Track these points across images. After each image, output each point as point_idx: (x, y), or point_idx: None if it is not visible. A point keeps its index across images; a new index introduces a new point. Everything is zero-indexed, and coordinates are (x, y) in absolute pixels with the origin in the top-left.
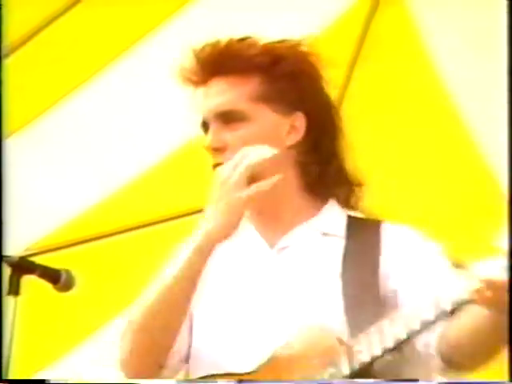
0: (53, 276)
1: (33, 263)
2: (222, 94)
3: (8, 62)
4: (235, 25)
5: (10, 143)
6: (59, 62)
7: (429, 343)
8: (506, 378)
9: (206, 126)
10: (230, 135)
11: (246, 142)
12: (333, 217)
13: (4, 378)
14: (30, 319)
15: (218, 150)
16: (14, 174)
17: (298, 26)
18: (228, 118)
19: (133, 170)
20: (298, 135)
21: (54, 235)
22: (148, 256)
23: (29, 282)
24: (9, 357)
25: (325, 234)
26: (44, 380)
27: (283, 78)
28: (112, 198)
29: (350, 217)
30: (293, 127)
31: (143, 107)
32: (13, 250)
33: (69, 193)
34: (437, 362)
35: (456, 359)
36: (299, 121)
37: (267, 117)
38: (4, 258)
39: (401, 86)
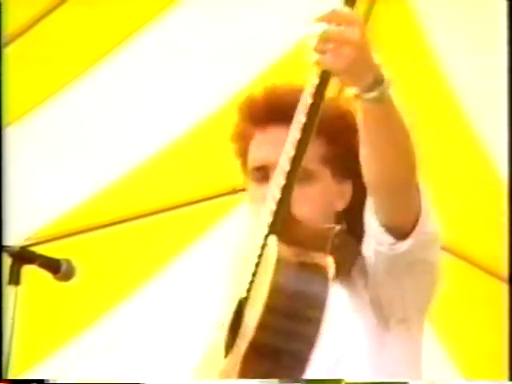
0: (53, 266)
1: (33, 253)
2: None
3: (7, 52)
4: (226, 21)
5: (9, 133)
6: (58, 52)
7: (372, 230)
8: (505, 377)
9: (263, 171)
10: (297, 193)
11: (309, 200)
12: None
13: (4, 377)
14: (30, 309)
15: None
16: (14, 164)
17: (296, 22)
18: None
19: (132, 160)
20: (345, 203)
21: (54, 225)
22: (148, 246)
23: (29, 271)
24: (10, 345)
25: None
26: (43, 380)
27: (341, 141)
28: (112, 187)
29: None
30: (343, 195)
31: (141, 98)
32: (13, 240)
33: (69, 182)
34: (386, 238)
35: (389, 216)
36: (348, 189)
37: (328, 180)
38: (4, 248)
39: (401, 80)
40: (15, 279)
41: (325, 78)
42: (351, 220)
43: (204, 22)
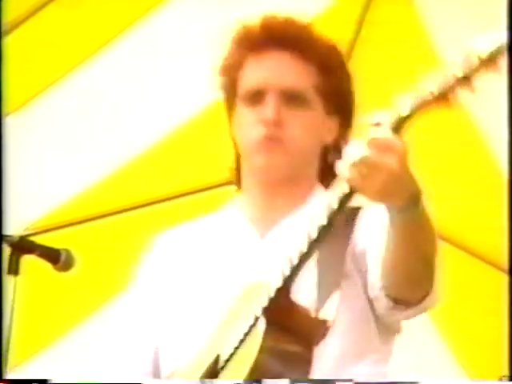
0: (52, 256)
1: (32, 243)
2: (290, 72)
3: (6, 42)
4: (217, 17)
5: (8, 122)
6: (57, 42)
7: (374, 285)
8: (505, 371)
9: (259, 94)
10: (290, 115)
11: (303, 128)
12: (320, 205)
13: (4, 377)
14: (29, 299)
15: (276, 124)
16: (14, 153)
17: (296, 7)
18: (292, 98)
19: (131, 151)
20: (332, 138)
21: (53, 215)
22: (147, 235)
23: (28, 261)
24: (9, 335)
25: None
26: (45, 380)
27: (332, 74)
28: (112, 177)
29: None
30: (330, 129)
31: (140, 89)
32: (12, 229)
33: (68, 172)
34: (385, 301)
35: (396, 290)
36: (335, 125)
37: (319, 111)
38: (4, 238)
39: (400, 68)
40: (14, 269)
41: (351, 193)
42: (336, 158)
43: (197, 15)
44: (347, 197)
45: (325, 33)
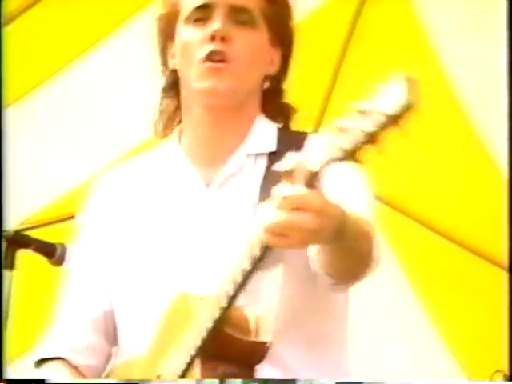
0: (48, 250)
1: (28, 237)
2: None
3: (7, 32)
4: None
5: (8, 114)
6: (57, 33)
7: (313, 261)
8: (505, 368)
9: (207, 10)
10: (237, 33)
11: (250, 49)
12: (265, 134)
13: (4, 378)
14: (25, 293)
15: (223, 39)
16: (11, 146)
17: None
18: (240, 16)
19: (130, 143)
20: (274, 70)
21: (49, 209)
22: None
23: (24, 255)
24: (5, 330)
25: (257, 155)
26: (44, 380)
27: (277, 5)
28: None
29: (279, 130)
30: (273, 60)
31: (143, 78)
32: (10, 223)
33: (65, 166)
34: (326, 278)
35: (334, 274)
36: (277, 57)
37: (265, 36)
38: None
39: (395, 65)
40: (10, 263)
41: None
42: (275, 91)
43: None
44: (266, 248)
45: (319, 30)
